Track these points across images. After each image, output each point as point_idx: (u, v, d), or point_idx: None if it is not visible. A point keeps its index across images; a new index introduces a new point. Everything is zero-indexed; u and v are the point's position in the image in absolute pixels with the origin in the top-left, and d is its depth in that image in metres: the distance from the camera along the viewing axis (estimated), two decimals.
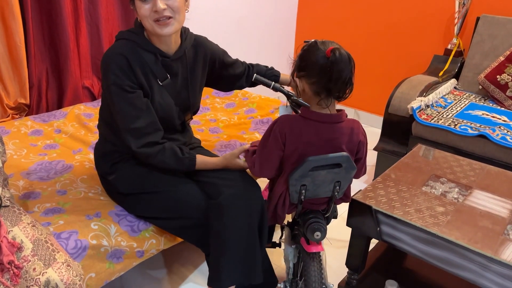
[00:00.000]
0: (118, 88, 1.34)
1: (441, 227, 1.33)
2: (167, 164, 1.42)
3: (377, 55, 3.34)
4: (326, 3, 3.50)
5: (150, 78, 1.41)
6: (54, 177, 1.65)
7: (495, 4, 2.72)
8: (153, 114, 1.40)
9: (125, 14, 2.48)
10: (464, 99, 2.56)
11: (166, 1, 1.31)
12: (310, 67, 1.20)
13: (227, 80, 1.74)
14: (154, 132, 1.40)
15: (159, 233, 1.51)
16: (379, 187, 1.55)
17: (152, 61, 1.41)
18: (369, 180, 2.72)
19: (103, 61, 1.36)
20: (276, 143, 1.28)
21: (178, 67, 1.49)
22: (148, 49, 1.40)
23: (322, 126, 1.26)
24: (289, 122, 1.28)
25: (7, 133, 1.96)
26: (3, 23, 2.05)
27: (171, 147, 1.42)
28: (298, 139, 1.27)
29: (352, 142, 1.30)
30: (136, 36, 1.40)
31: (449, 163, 1.74)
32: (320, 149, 1.26)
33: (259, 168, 1.35)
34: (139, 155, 1.42)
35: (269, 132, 1.31)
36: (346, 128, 1.28)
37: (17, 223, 1.17)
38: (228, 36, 3.09)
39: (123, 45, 1.38)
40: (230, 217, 1.36)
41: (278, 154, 1.30)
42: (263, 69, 1.81)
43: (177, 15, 1.34)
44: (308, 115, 1.27)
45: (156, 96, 1.43)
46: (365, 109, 3.52)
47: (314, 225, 1.31)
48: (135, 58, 1.37)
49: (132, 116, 1.36)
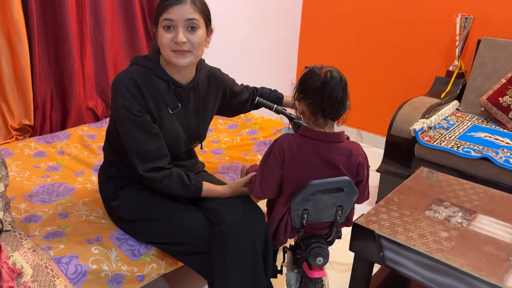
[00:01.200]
0: (126, 111, 1.34)
1: (445, 253, 1.31)
2: (173, 190, 1.42)
3: (379, 76, 3.36)
4: (328, 25, 3.54)
5: (160, 106, 1.42)
6: (56, 200, 1.65)
7: (496, 27, 2.75)
8: (161, 139, 1.40)
9: (130, 36, 2.52)
10: (467, 121, 2.56)
11: (188, 35, 1.33)
12: (307, 88, 1.29)
13: (233, 107, 1.76)
14: (162, 157, 1.40)
15: (160, 257, 1.50)
16: (382, 211, 1.54)
17: (164, 89, 1.42)
18: (372, 201, 2.70)
19: (114, 83, 1.37)
20: (275, 161, 1.31)
21: (190, 97, 1.50)
22: (161, 77, 1.41)
23: (319, 144, 1.30)
24: (287, 140, 1.31)
25: (11, 155, 1.97)
26: (10, 46, 2.08)
27: (178, 173, 1.42)
28: (296, 157, 1.29)
29: (350, 164, 1.32)
30: (151, 63, 1.42)
31: (453, 187, 1.73)
32: (318, 169, 1.29)
33: (260, 186, 1.36)
34: (145, 180, 1.42)
35: (269, 150, 1.34)
36: (345, 149, 1.31)
37: (18, 248, 1.17)
38: (231, 58, 3.12)
39: (136, 70, 1.39)
40: (233, 244, 1.34)
41: (278, 172, 1.32)
42: (266, 92, 1.82)
43: (195, 50, 1.36)
44: (305, 133, 1.31)
45: (164, 124, 1.43)
46: (367, 129, 3.52)
47: (316, 250, 1.30)
48: (146, 84, 1.38)
49: (140, 140, 1.36)
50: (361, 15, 3.33)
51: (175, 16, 1.31)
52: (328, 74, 1.24)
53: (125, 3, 2.45)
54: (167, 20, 1.32)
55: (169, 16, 1.31)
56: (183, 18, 1.31)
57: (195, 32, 1.34)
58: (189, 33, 1.33)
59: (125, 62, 2.54)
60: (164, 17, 1.32)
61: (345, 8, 3.41)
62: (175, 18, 1.31)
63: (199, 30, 1.35)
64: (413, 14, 3.07)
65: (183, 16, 1.31)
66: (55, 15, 2.18)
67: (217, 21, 3.01)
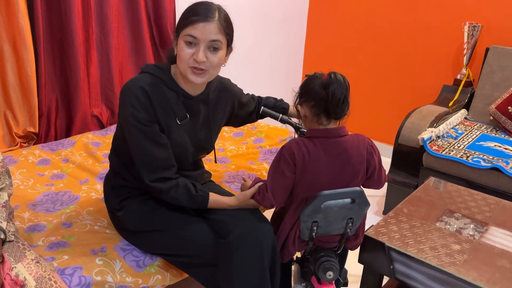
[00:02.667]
0: (135, 120, 1.32)
1: (457, 266, 1.28)
2: (179, 201, 1.39)
3: (386, 84, 3.34)
4: (334, 34, 3.53)
5: (168, 116, 1.39)
6: (60, 209, 1.63)
7: (504, 35, 2.72)
8: (169, 150, 1.38)
9: (135, 44, 2.51)
10: (475, 129, 2.53)
11: (208, 54, 1.30)
12: (309, 92, 1.31)
13: (240, 118, 1.74)
14: (169, 168, 1.38)
15: (165, 268, 1.47)
16: (392, 222, 1.51)
17: (173, 100, 1.39)
18: (379, 211, 2.67)
19: (123, 91, 1.35)
20: (287, 166, 1.30)
21: (199, 108, 1.48)
22: (171, 87, 1.39)
23: (327, 141, 1.31)
24: (296, 144, 1.31)
25: (15, 162, 1.95)
26: (15, 53, 2.07)
27: (185, 183, 1.39)
28: (306, 159, 1.29)
29: (360, 155, 1.33)
30: (162, 72, 1.39)
31: (463, 197, 1.70)
32: (331, 167, 1.30)
33: (272, 194, 1.33)
34: (152, 190, 1.40)
35: (278, 157, 1.33)
36: (351, 142, 1.33)
37: (21, 259, 1.15)
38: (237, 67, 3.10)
39: (146, 78, 1.36)
40: (239, 257, 1.31)
41: (291, 177, 1.31)
42: (272, 102, 1.80)
43: (212, 69, 1.33)
44: (312, 134, 1.33)
45: (172, 134, 1.41)
46: (375, 138, 3.47)
47: (326, 264, 1.27)
48: (156, 94, 1.35)
49: (148, 149, 1.34)
50: (367, 23, 3.32)
51: (200, 34, 1.27)
52: (331, 75, 1.29)
53: (131, 11, 2.45)
54: (190, 36, 1.28)
55: (193, 33, 1.27)
56: (208, 38, 1.28)
57: (216, 53, 1.31)
58: (210, 52, 1.30)
59: (130, 69, 2.53)
60: (188, 32, 1.28)
61: (351, 16, 3.39)
62: (200, 37, 1.27)
63: (220, 51, 1.32)
64: (421, 22, 3.05)
65: (208, 36, 1.27)
66: (61, 22, 2.17)
67: None
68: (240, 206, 1.45)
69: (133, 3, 2.43)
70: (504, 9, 2.71)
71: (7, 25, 2.02)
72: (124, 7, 2.42)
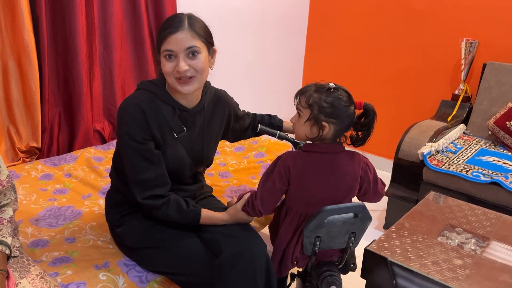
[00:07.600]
0: (129, 139, 1.34)
1: (460, 281, 1.29)
2: (170, 217, 1.39)
3: (385, 99, 3.37)
4: (333, 49, 3.57)
5: (165, 131, 1.41)
6: (63, 224, 1.64)
7: (501, 52, 2.77)
8: (162, 167, 1.39)
9: (138, 60, 2.54)
10: (474, 144, 2.55)
11: (190, 62, 1.32)
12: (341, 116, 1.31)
13: (235, 132, 1.75)
14: (161, 185, 1.38)
15: (167, 284, 1.47)
16: (394, 237, 1.52)
17: (169, 114, 1.41)
18: (380, 225, 2.67)
19: (120, 109, 1.37)
20: (280, 178, 1.32)
21: (195, 120, 1.49)
22: (167, 101, 1.41)
23: (324, 156, 1.32)
24: (292, 157, 1.32)
25: (18, 177, 1.96)
26: (20, 69, 2.10)
27: (176, 199, 1.40)
28: (302, 172, 1.30)
29: (355, 172, 1.35)
30: (156, 88, 1.41)
31: (464, 212, 1.71)
32: (326, 182, 1.31)
33: (260, 201, 1.35)
34: (144, 207, 1.40)
35: (273, 166, 1.35)
36: (348, 158, 1.35)
37: (26, 274, 1.15)
38: (236, 82, 3.14)
39: (142, 95, 1.39)
40: (233, 277, 1.31)
41: (280, 189, 1.33)
42: (266, 119, 1.83)
43: (199, 75, 1.35)
44: (310, 148, 1.34)
45: (168, 149, 1.42)
46: (374, 152, 3.51)
47: (329, 279, 1.27)
48: (152, 109, 1.37)
49: (141, 168, 1.35)
50: (366, 39, 3.37)
51: (175, 46, 1.30)
52: (369, 107, 1.35)
53: (134, 27, 2.48)
54: (167, 51, 1.31)
55: (168, 47, 1.30)
56: (183, 47, 1.30)
57: (196, 57, 1.33)
58: (190, 59, 1.32)
59: (133, 85, 2.55)
60: (165, 48, 1.31)
61: (350, 32, 3.44)
62: (175, 48, 1.30)
63: (200, 55, 1.33)
64: (419, 39, 3.10)
65: (182, 46, 1.30)
66: (65, 38, 2.20)
67: (223, 45, 3.05)
68: (232, 220, 1.45)
69: (136, 20, 2.46)
70: (500, 26, 2.76)
71: (12, 41, 2.05)
72: (127, 23, 2.46)
